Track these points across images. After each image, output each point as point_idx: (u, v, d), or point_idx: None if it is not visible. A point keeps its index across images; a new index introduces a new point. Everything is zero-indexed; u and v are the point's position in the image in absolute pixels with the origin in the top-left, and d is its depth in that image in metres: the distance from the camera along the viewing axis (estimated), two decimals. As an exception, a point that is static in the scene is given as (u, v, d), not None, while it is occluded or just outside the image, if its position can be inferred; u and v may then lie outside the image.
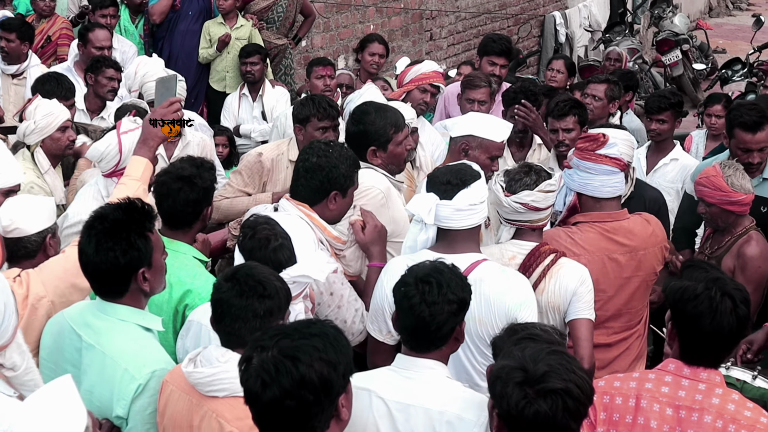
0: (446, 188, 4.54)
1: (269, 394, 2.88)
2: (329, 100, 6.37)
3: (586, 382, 3.12)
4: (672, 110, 7.87)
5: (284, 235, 4.28)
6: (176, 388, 3.75)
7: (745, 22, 20.93)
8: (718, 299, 3.73)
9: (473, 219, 4.55)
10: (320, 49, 11.77)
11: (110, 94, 8.03)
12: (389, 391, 3.77)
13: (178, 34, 10.16)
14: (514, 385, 3.10)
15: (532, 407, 3.06)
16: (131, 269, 3.87)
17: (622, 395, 3.83)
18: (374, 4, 12.45)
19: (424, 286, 3.76)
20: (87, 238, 3.87)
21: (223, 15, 10.07)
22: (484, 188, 4.61)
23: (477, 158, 5.63)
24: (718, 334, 3.73)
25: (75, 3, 10.88)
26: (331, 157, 4.93)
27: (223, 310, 3.64)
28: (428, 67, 7.89)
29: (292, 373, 2.88)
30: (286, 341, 2.93)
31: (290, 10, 10.60)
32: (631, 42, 15.76)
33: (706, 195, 5.83)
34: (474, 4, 14.32)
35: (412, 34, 13.17)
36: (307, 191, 4.96)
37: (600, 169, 5.30)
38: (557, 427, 3.07)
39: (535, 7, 15.86)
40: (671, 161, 7.84)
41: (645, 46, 17.57)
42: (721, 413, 3.69)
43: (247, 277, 3.66)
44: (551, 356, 3.15)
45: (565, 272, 4.85)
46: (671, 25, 16.72)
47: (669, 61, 15.90)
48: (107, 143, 5.65)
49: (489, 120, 6.00)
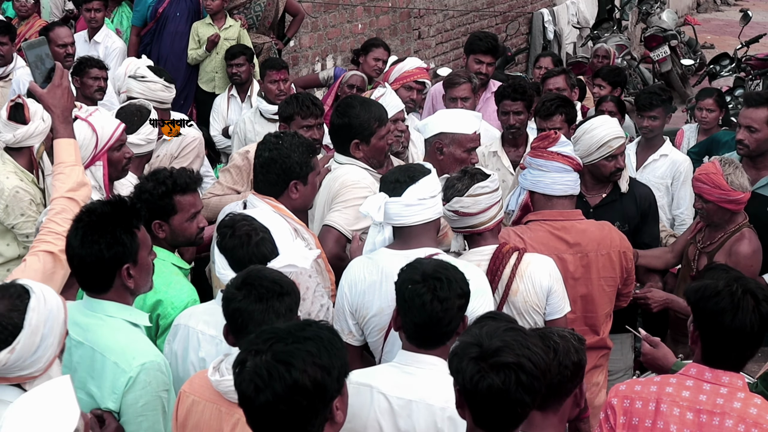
0: (395, 186, 4.58)
1: (262, 399, 2.87)
2: (313, 98, 6.39)
3: (540, 358, 3.14)
4: (663, 106, 7.90)
5: (263, 228, 4.29)
6: (199, 398, 3.75)
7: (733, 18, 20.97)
8: (740, 295, 3.71)
9: (425, 214, 4.55)
10: (308, 48, 11.74)
11: (98, 94, 8.01)
12: (391, 387, 3.78)
13: (166, 36, 10.13)
14: (469, 359, 3.14)
15: (486, 381, 3.10)
16: (115, 264, 3.87)
17: (642, 399, 3.81)
18: (362, 3, 12.43)
19: (434, 283, 3.78)
20: (74, 230, 3.88)
21: (212, 15, 10.04)
22: (435, 183, 4.62)
23: (453, 154, 5.72)
24: (740, 332, 3.70)
25: (58, 6, 10.86)
26: (282, 149, 4.99)
27: (244, 318, 3.63)
28: (412, 64, 7.92)
29: (285, 379, 2.86)
30: (280, 345, 2.91)
31: (269, 8, 10.54)
32: (619, 38, 15.75)
33: (704, 192, 5.83)
34: (462, 3, 14.31)
35: (401, 32, 13.15)
36: (267, 186, 5.04)
37: (551, 167, 5.32)
38: (511, 401, 3.10)
39: (523, 5, 15.85)
40: (661, 157, 7.85)
41: (633, 43, 17.56)
42: (743, 417, 3.65)
43: (261, 279, 3.66)
44: (507, 333, 3.18)
45: (534, 269, 4.83)
46: (659, 21, 16.74)
47: (657, 57, 15.92)
48: (79, 131, 5.41)
49: (457, 114, 6.07)
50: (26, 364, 3.33)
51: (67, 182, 4.40)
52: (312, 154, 5.08)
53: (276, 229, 4.37)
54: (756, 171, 6.61)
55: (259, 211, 4.65)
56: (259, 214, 4.50)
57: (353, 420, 3.72)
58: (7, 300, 3.35)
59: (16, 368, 3.32)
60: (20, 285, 3.41)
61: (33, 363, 3.35)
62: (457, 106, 7.36)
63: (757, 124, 6.55)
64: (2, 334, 3.30)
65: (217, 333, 4.20)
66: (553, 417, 3.52)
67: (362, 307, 4.58)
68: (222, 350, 4.12)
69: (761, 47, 16.13)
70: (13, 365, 3.30)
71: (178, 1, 10.20)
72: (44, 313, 3.36)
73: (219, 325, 4.18)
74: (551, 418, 3.52)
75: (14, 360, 3.30)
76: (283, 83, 8.44)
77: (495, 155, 7.32)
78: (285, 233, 4.43)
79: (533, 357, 3.13)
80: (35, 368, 3.36)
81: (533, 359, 3.12)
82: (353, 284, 4.61)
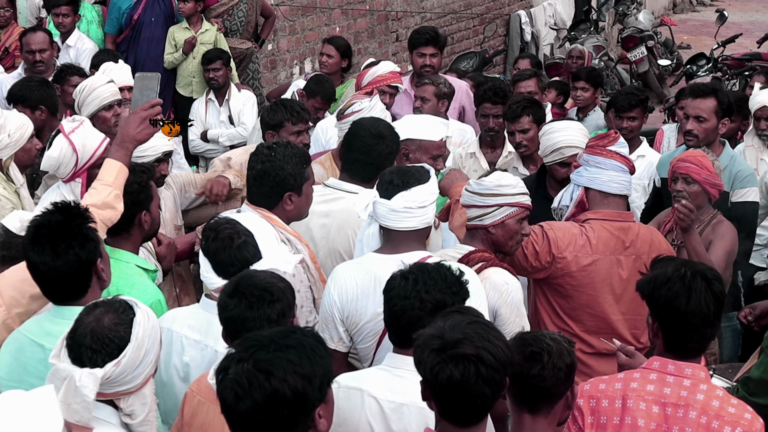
0: (388, 187, 4.54)
1: (242, 407, 2.88)
2: (300, 104, 6.37)
3: (501, 351, 3.16)
4: (641, 107, 7.93)
5: (246, 232, 4.29)
6: (204, 398, 3.77)
7: (709, 18, 21.04)
8: (690, 278, 3.77)
9: (411, 222, 4.50)
10: (286, 52, 11.74)
11: (77, 103, 7.98)
12: (381, 390, 3.78)
13: (142, 42, 10.13)
14: (430, 351, 3.17)
15: (445, 372, 3.12)
16: (92, 262, 3.87)
17: (608, 397, 3.84)
18: (339, 6, 12.43)
19: (401, 281, 3.81)
20: (40, 249, 3.83)
21: (187, 19, 10.02)
22: (428, 193, 4.54)
23: (419, 160, 5.69)
24: (697, 314, 3.75)
25: (33, 14, 10.84)
26: (274, 160, 4.93)
27: (237, 326, 3.64)
28: (385, 68, 7.91)
29: (264, 388, 2.87)
30: (262, 353, 2.92)
31: (251, 13, 10.57)
32: (596, 39, 15.80)
33: (692, 171, 5.70)
34: (439, 5, 14.33)
35: (378, 35, 13.16)
36: (260, 198, 4.98)
37: (610, 164, 5.30)
38: (471, 393, 3.13)
39: (500, 6, 15.88)
40: (638, 158, 7.85)
41: (610, 43, 17.61)
42: (706, 409, 3.70)
43: (251, 287, 3.67)
44: (470, 325, 3.20)
45: (488, 285, 4.66)
46: (636, 21, 16.79)
47: (634, 58, 15.97)
48: (59, 148, 5.50)
49: (424, 120, 6.07)
50: (127, 379, 3.33)
51: (93, 197, 4.43)
52: (305, 164, 5.01)
53: (259, 233, 4.36)
54: None
55: (243, 216, 4.64)
56: (244, 218, 4.50)
57: (345, 424, 3.74)
58: (113, 314, 3.36)
59: (116, 383, 3.31)
60: (124, 300, 3.42)
61: (133, 378, 3.35)
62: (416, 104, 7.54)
63: (705, 114, 6.53)
64: (109, 347, 3.30)
65: (202, 337, 4.21)
66: (544, 420, 3.51)
67: (354, 314, 4.52)
68: (207, 355, 4.14)
69: (737, 47, 16.21)
70: (115, 379, 3.30)
71: (153, 7, 10.19)
72: (149, 328, 3.38)
73: (203, 329, 4.19)
74: (541, 421, 3.50)
75: (118, 374, 3.29)
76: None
77: (473, 156, 7.35)
78: (269, 237, 4.43)
79: (493, 349, 3.14)
80: (134, 384, 3.36)
81: (493, 352, 3.14)
82: (343, 291, 4.54)
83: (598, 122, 9.56)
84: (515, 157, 7.03)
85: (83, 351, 3.30)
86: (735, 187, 6.51)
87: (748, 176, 6.61)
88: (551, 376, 3.44)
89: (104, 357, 3.29)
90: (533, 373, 3.43)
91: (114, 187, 4.50)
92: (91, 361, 3.29)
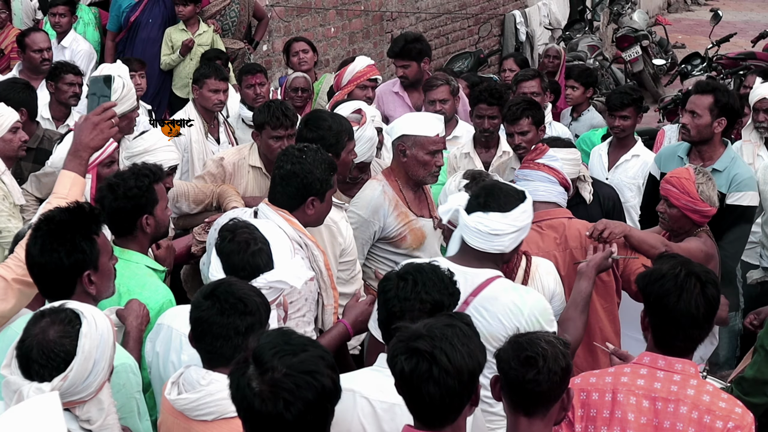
0: (472, 201, 4.55)
1: (294, 412, 2.87)
2: (285, 108, 6.32)
3: (462, 358, 3.16)
4: (634, 106, 7.95)
5: (263, 240, 4.29)
6: (165, 411, 3.74)
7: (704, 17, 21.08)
8: (683, 277, 3.80)
9: (481, 244, 4.48)
10: (281, 52, 11.73)
11: (72, 100, 8.02)
12: (373, 390, 3.80)
13: (139, 43, 10.15)
14: (396, 341, 3.21)
15: (399, 364, 3.17)
16: (76, 271, 3.86)
17: (598, 391, 3.87)
18: (334, 7, 12.44)
19: (399, 282, 3.83)
20: (33, 239, 3.87)
21: (185, 21, 10.04)
22: (505, 223, 4.48)
23: (416, 156, 5.76)
24: (686, 314, 3.78)
25: (29, 15, 10.86)
26: (305, 163, 4.93)
27: (204, 328, 3.62)
28: (361, 63, 7.99)
29: (314, 386, 2.88)
30: (290, 357, 2.91)
31: (243, 14, 10.60)
32: (591, 39, 15.82)
33: (672, 195, 5.58)
34: (434, 5, 14.34)
35: (373, 35, 13.17)
36: (284, 198, 4.98)
37: (536, 176, 5.41)
38: (421, 391, 3.15)
39: (495, 7, 15.89)
40: (633, 157, 7.91)
41: (605, 43, 17.64)
42: (697, 404, 3.74)
43: (227, 294, 3.64)
44: (446, 327, 3.21)
45: (542, 272, 4.88)
46: (630, 21, 16.81)
47: (629, 57, 15.99)
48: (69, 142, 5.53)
49: (420, 117, 6.12)
50: (78, 389, 3.35)
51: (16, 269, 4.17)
52: (332, 171, 5.02)
53: (276, 243, 4.37)
54: (701, 162, 6.50)
55: (263, 223, 4.65)
56: (264, 225, 4.51)
57: (337, 425, 3.70)
58: (59, 326, 3.36)
59: (68, 394, 3.32)
60: (71, 310, 3.41)
61: (85, 388, 3.37)
62: (436, 109, 7.40)
63: (700, 109, 6.53)
64: (55, 362, 3.31)
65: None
66: (540, 422, 3.51)
67: None
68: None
69: (732, 46, 16.22)
70: (65, 392, 3.30)
71: (151, 9, 10.21)
72: (96, 338, 3.38)
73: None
74: (537, 423, 3.50)
75: (67, 387, 3.31)
76: (260, 87, 8.43)
77: (467, 156, 7.38)
78: (284, 249, 4.43)
79: (451, 353, 3.15)
80: (87, 393, 3.38)
81: (450, 355, 3.14)
82: None
83: (592, 122, 9.61)
84: (513, 158, 7.04)
85: (31, 364, 3.32)
86: (732, 189, 6.46)
87: (745, 180, 6.53)
88: (546, 380, 3.44)
89: (51, 371, 3.30)
90: (528, 378, 3.43)
91: (69, 200, 4.21)
92: (39, 375, 3.30)
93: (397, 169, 5.95)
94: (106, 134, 4.43)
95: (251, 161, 6.41)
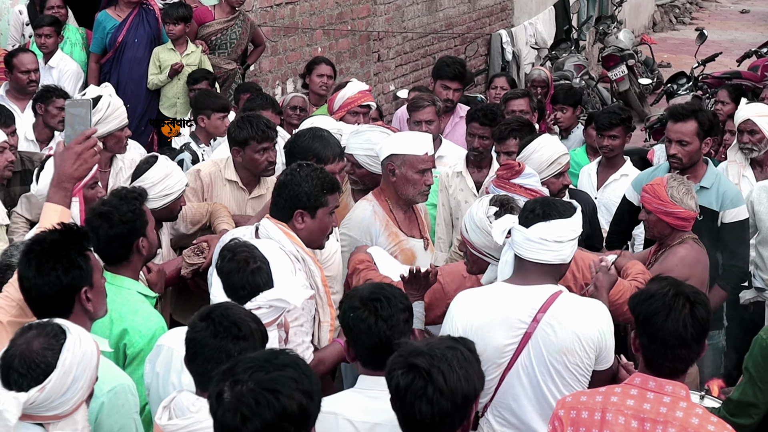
0: (529, 216, 4.50)
1: (250, 428, 2.85)
2: (266, 121, 6.36)
3: (459, 381, 3.16)
4: (623, 126, 8.00)
5: (263, 258, 4.32)
6: None
7: (689, 36, 21.18)
8: (671, 297, 3.81)
9: (545, 255, 4.44)
10: (269, 72, 11.74)
11: (60, 125, 7.96)
12: (356, 412, 3.80)
13: (125, 63, 10.10)
14: (397, 355, 3.23)
15: (395, 378, 3.19)
16: (74, 288, 3.86)
17: (588, 409, 3.87)
18: (321, 27, 12.45)
19: (375, 304, 3.84)
20: (26, 263, 3.84)
21: (173, 41, 10.02)
22: (568, 229, 4.48)
23: (405, 175, 5.76)
24: (672, 334, 3.78)
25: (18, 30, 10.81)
26: (296, 176, 5.01)
27: (196, 350, 3.62)
28: (353, 89, 7.89)
29: (273, 406, 2.85)
30: (261, 373, 2.91)
31: (243, 38, 10.62)
32: (577, 58, 15.87)
33: (646, 201, 5.85)
34: (420, 25, 14.36)
35: (360, 55, 13.18)
36: (275, 209, 5.07)
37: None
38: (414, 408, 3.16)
39: (481, 26, 15.93)
40: (621, 177, 7.94)
41: (591, 62, 17.69)
42: (685, 426, 3.73)
43: (222, 317, 3.63)
44: (447, 349, 3.22)
45: None
46: (616, 40, 16.86)
47: (615, 77, 16.06)
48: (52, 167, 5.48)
49: (408, 136, 6.12)
50: (54, 404, 3.34)
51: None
52: (326, 190, 5.03)
53: (276, 262, 4.41)
54: None
55: (264, 243, 4.68)
56: (263, 245, 4.54)
57: (319, 448, 3.75)
58: (43, 338, 3.36)
59: (43, 408, 3.32)
60: (57, 324, 3.41)
61: (61, 404, 3.35)
62: (422, 129, 7.37)
63: (687, 137, 6.58)
64: (34, 372, 3.31)
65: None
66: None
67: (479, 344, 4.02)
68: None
69: (717, 65, 16.32)
70: (40, 404, 3.30)
71: (137, 29, 10.17)
72: (78, 355, 3.38)
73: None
74: None
75: (42, 399, 3.30)
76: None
77: (459, 175, 7.38)
78: (284, 268, 4.48)
79: (448, 374, 3.15)
80: (62, 410, 3.36)
81: (446, 375, 3.15)
82: (468, 320, 4.41)
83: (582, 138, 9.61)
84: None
85: (11, 373, 3.33)
86: (725, 207, 6.57)
87: (735, 195, 6.67)
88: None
89: (29, 381, 3.31)
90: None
91: None
92: (17, 385, 3.31)
93: (387, 189, 5.94)
94: (89, 164, 4.29)
95: (227, 175, 6.40)
